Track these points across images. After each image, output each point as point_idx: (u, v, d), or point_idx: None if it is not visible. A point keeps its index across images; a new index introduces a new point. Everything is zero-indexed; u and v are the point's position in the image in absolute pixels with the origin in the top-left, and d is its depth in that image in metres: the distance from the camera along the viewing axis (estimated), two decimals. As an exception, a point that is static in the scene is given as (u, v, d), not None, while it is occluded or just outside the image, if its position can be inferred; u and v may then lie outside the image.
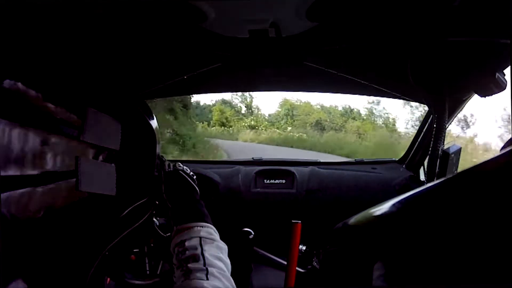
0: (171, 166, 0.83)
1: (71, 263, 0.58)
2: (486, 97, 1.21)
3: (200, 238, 0.67)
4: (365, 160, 1.97)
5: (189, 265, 0.62)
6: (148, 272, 1.27)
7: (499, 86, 1.12)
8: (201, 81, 1.54)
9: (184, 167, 0.86)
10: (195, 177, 0.84)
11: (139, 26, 1.04)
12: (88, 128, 0.56)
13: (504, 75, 1.12)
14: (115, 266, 1.10)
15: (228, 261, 0.66)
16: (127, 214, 0.71)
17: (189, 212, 0.72)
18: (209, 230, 0.70)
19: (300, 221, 0.96)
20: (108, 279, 1.12)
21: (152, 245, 1.17)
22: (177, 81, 1.51)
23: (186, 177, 0.80)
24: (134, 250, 1.22)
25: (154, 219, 1.20)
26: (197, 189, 0.80)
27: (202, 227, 0.69)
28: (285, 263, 1.01)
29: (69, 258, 0.58)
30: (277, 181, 1.69)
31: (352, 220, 0.53)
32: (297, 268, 1.29)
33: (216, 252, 0.65)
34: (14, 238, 0.46)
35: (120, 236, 0.90)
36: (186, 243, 0.66)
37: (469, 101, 1.42)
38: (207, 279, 0.59)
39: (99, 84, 0.65)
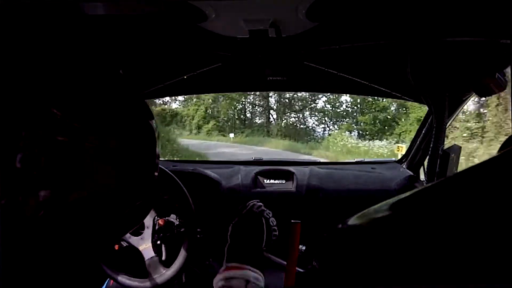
0: (259, 209, 0.81)
1: (71, 261, 0.58)
2: (486, 97, 1.22)
3: (247, 281, 0.70)
4: (365, 160, 1.97)
5: None
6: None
7: (499, 86, 1.13)
8: (201, 81, 1.54)
9: (269, 214, 0.82)
10: (275, 223, 0.82)
11: (139, 26, 1.04)
12: (87, 128, 0.56)
13: (504, 75, 1.12)
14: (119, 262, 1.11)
15: None
16: (126, 214, 0.71)
17: (246, 254, 0.75)
18: (258, 277, 0.73)
19: (299, 221, 0.96)
20: (112, 281, 1.13)
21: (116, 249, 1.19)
22: (177, 81, 1.51)
23: (265, 225, 0.80)
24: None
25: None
26: (265, 238, 0.80)
27: (252, 271, 0.73)
28: (285, 263, 1.01)
29: (68, 257, 0.58)
30: (277, 181, 1.69)
31: (352, 220, 0.53)
32: (297, 268, 1.29)
33: None
34: (14, 237, 0.46)
35: (119, 236, 0.90)
36: (233, 282, 0.69)
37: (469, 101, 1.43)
38: None
39: (98, 84, 0.65)
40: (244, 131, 15.41)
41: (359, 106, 14.49)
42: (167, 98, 15.03)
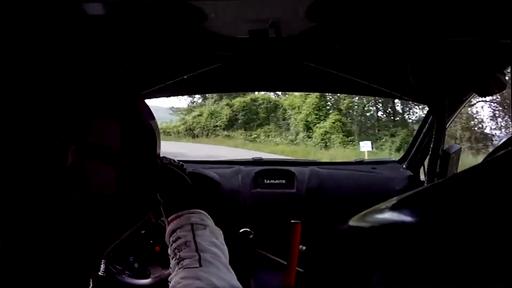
0: (167, 160, 0.76)
1: (70, 262, 0.58)
2: (486, 97, 1.22)
3: (192, 224, 0.65)
4: (365, 160, 1.97)
5: (181, 253, 0.60)
6: (148, 272, 1.28)
7: (499, 86, 1.13)
8: (201, 81, 1.54)
9: (172, 159, 0.78)
10: (184, 166, 0.77)
11: (140, 26, 1.04)
12: (87, 128, 0.56)
13: (504, 75, 1.12)
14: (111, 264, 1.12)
15: (224, 246, 0.64)
16: (126, 214, 0.71)
17: (179, 201, 0.70)
18: (201, 216, 0.67)
19: (299, 221, 0.96)
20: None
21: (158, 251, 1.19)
22: (177, 81, 1.51)
23: (175, 168, 0.74)
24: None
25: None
26: (188, 178, 0.74)
27: (192, 213, 0.67)
28: (286, 263, 1.02)
29: (68, 257, 0.58)
30: (277, 181, 1.69)
31: (352, 220, 0.53)
32: (297, 268, 1.29)
33: (210, 238, 0.63)
34: (14, 238, 0.46)
35: (120, 237, 0.90)
36: (178, 232, 0.64)
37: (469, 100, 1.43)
38: (200, 265, 0.57)
39: (99, 84, 0.65)
40: (396, 132, 8.06)
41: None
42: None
